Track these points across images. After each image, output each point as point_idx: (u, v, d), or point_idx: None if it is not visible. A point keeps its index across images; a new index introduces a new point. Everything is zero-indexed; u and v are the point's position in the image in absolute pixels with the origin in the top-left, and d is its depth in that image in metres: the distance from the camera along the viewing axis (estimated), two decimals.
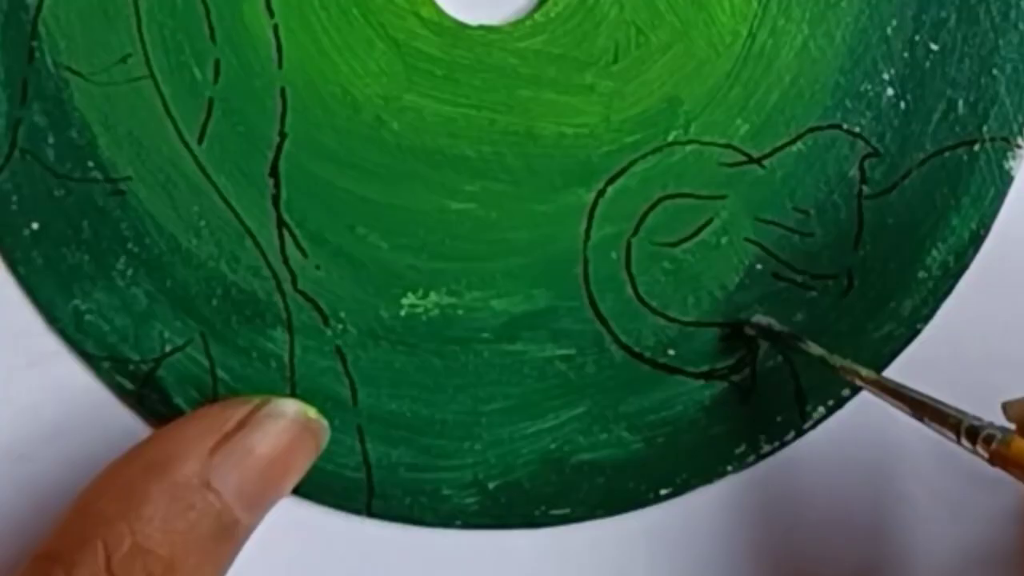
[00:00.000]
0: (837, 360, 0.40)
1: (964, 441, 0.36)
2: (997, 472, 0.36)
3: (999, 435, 0.36)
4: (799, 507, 0.43)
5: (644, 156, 0.41)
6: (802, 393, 0.41)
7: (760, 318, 0.41)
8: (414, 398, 0.41)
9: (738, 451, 0.41)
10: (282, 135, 0.40)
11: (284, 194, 0.40)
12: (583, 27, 0.41)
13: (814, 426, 0.41)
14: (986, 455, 0.36)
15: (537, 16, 0.41)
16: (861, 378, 0.39)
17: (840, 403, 0.41)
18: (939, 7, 0.42)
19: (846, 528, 0.43)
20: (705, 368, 0.41)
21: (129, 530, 0.35)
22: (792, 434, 0.41)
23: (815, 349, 0.40)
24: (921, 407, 0.38)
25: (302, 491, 0.39)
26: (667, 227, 0.41)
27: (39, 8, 0.40)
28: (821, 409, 0.41)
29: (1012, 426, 0.37)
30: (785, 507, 0.43)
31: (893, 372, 0.42)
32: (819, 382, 0.41)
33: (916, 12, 0.42)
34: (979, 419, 0.37)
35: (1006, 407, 0.39)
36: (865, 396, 0.42)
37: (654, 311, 0.41)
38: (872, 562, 0.43)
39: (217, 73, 0.40)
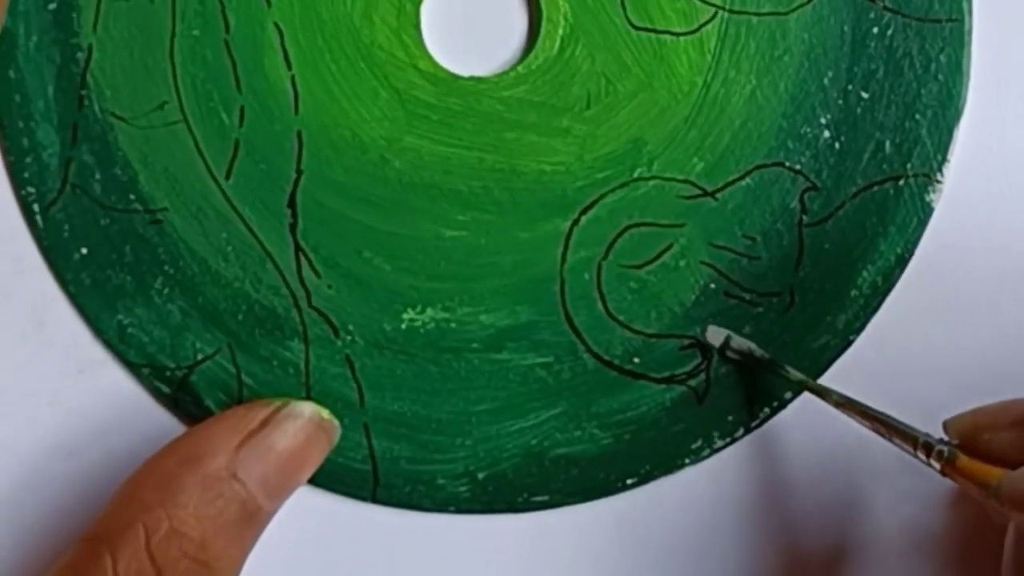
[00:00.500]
0: (813, 383, 0.42)
1: (920, 455, 0.39)
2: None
3: (947, 451, 0.38)
4: (748, 494, 0.43)
5: (613, 190, 0.43)
6: (749, 396, 0.43)
7: (714, 331, 0.43)
8: (413, 400, 0.43)
9: (694, 446, 0.43)
10: (298, 172, 0.42)
11: (300, 223, 0.42)
12: (560, 78, 0.43)
13: (760, 424, 0.43)
14: (939, 467, 0.38)
15: (520, 68, 0.43)
16: (832, 400, 0.41)
17: (783, 404, 0.43)
18: (869, 60, 0.44)
19: (793, 511, 0.44)
20: (666, 374, 0.43)
21: (166, 515, 0.37)
22: (741, 431, 0.43)
23: (795, 375, 0.42)
24: (884, 425, 0.40)
25: (316, 481, 0.41)
26: (633, 252, 0.43)
27: (88, 62, 0.42)
28: (766, 409, 0.43)
29: (956, 441, 0.39)
30: (735, 494, 0.43)
31: (829, 377, 0.44)
32: (763, 387, 0.43)
33: (849, 64, 0.44)
34: (930, 436, 0.39)
35: (947, 426, 0.40)
36: (806, 398, 0.43)
37: (621, 324, 0.43)
38: (819, 542, 0.44)
39: (242, 118, 0.42)
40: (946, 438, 0.39)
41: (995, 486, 0.36)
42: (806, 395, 0.43)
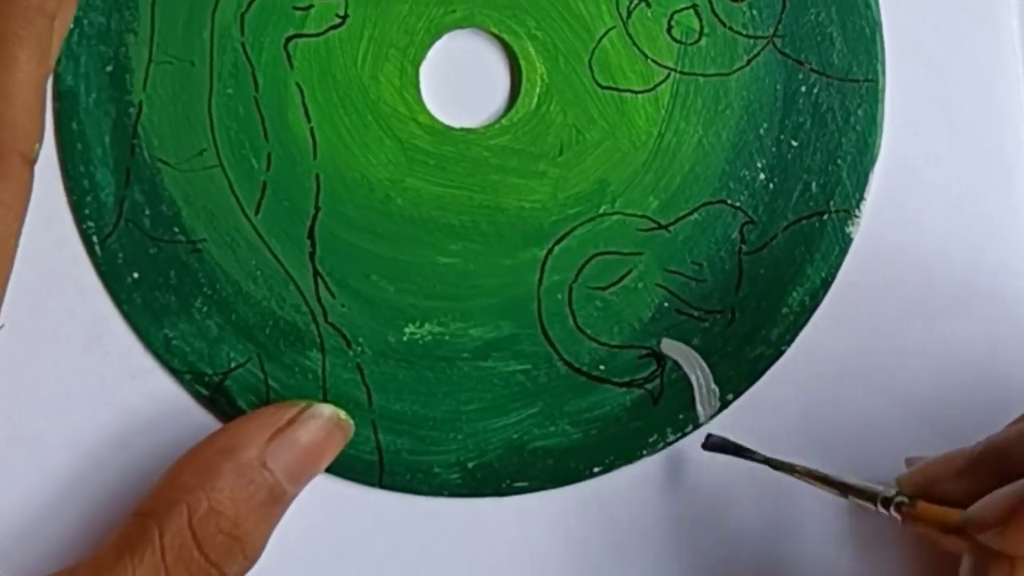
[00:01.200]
0: (776, 461, 0.43)
1: (880, 509, 0.40)
2: None
3: (907, 500, 0.40)
4: (695, 481, 0.45)
5: (581, 224, 0.45)
6: (694, 402, 0.45)
7: (668, 343, 0.45)
8: (413, 401, 0.44)
9: (651, 440, 0.44)
10: (316, 208, 0.44)
11: (318, 252, 0.44)
12: (537, 129, 0.45)
13: (708, 421, 0.45)
14: (900, 518, 0.40)
15: (503, 121, 0.44)
16: (797, 473, 0.43)
17: (725, 406, 0.45)
18: (798, 114, 0.46)
19: (732, 494, 0.45)
20: (626, 379, 0.45)
21: (206, 497, 0.39)
22: (690, 427, 0.45)
23: (760, 457, 0.43)
24: (845, 487, 0.41)
25: (332, 469, 0.43)
26: (598, 276, 0.45)
27: (138, 115, 0.43)
28: (712, 411, 0.45)
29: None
30: (685, 480, 0.45)
31: (764, 382, 0.45)
32: (707, 392, 0.45)
33: (781, 118, 0.45)
34: (888, 490, 0.41)
35: (900, 482, 0.42)
36: (748, 400, 0.45)
37: (589, 337, 0.45)
38: (755, 519, 0.45)
39: (269, 163, 0.44)
40: (903, 494, 0.41)
41: (964, 518, 0.37)
42: (747, 397, 0.45)
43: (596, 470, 0.44)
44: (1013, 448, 0.40)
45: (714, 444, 0.44)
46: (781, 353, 0.45)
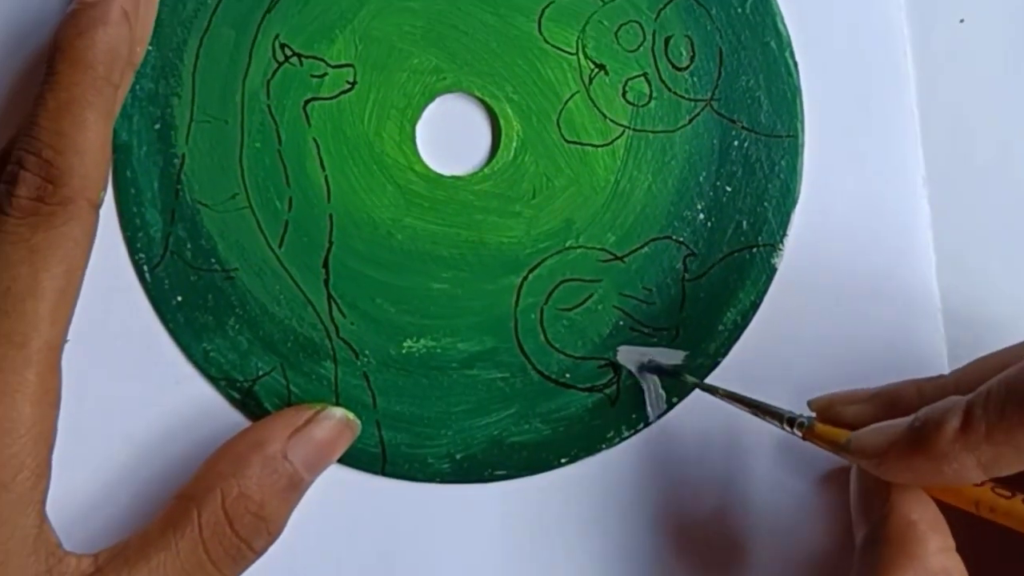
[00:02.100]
0: (705, 384, 0.44)
1: (786, 427, 0.41)
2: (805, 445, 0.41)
3: (807, 421, 0.40)
4: (648, 470, 0.46)
5: (551, 256, 0.46)
6: (644, 404, 0.46)
7: (624, 351, 0.45)
8: (410, 403, 0.45)
9: (608, 435, 0.45)
10: (330, 242, 0.45)
11: (331, 279, 0.45)
12: (513, 177, 0.46)
13: (656, 420, 0.45)
14: (800, 435, 0.40)
15: (485, 170, 0.45)
16: (719, 394, 0.43)
17: (671, 407, 0.46)
18: (731, 164, 0.46)
19: (681, 482, 0.46)
20: (589, 385, 0.45)
21: (237, 484, 0.41)
22: (642, 425, 0.45)
23: (690, 379, 0.45)
24: (758, 408, 0.42)
25: (342, 461, 0.44)
26: (565, 299, 0.45)
27: (182, 165, 0.44)
28: (663, 410, 0.46)
29: (814, 415, 0.41)
30: (639, 470, 0.46)
31: (698, 393, 0.45)
32: (656, 395, 0.46)
33: (717, 167, 0.46)
34: (793, 412, 0.41)
35: (809, 403, 0.43)
36: (687, 404, 0.46)
37: (557, 350, 0.45)
38: (702, 503, 0.46)
39: (290, 205, 0.45)
40: (806, 415, 0.41)
41: (844, 442, 0.38)
42: (686, 401, 0.46)
43: (563, 461, 0.45)
44: (904, 393, 0.41)
45: (654, 368, 0.45)
46: (717, 364, 0.46)
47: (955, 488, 0.37)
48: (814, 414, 0.41)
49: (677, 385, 0.46)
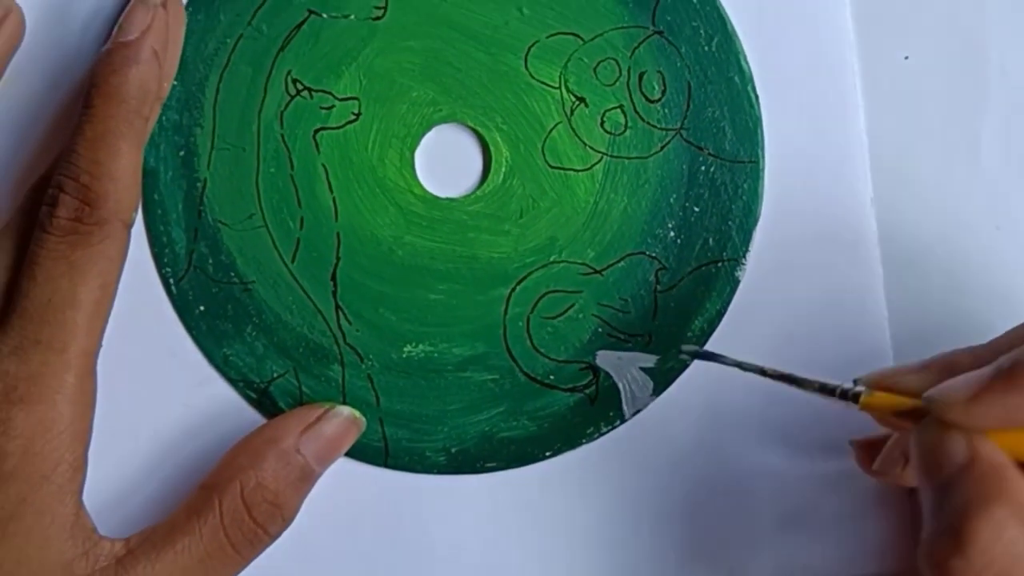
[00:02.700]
0: (751, 365, 0.42)
1: (839, 399, 0.39)
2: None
3: (864, 390, 0.38)
4: (620, 461, 0.46)
5: (536, 270, 0.46)
6: (620, 403, 0.46)
7: (604, 354, 0.45)
8: (410, 402, 0.45)
9: (588, 431, 0.45)
10: (338, 258, 0.45)
11: (339, 290, 0.45)
12: (503, 198, 0.46)
13: (631, 417, 0.46)
14: (857, 405, 0.38)
15: (478, 192, 0.45)
16: (768, 374, 0.41)
17: (645, 405, 0.46)
18: (699, 187, 0.46)
19: (663, 471, 0.46)
20: (570, 386, 0.46)
21: (254, 475, 0.41)
22: (618, 422, 0.45)
23: (730, 361, 0.42)
24: (807, 384, 0.40)
25: (349, 454, 0.44)
26: (549, 309, 0.46)
27: (204, 188, 0.44)
28: (638, 408, 0.46)
29: (862, 388, 0.39)
30: (614, 463, 0.46)
31: (673, 390, 0.46)
32: (631, 395, 0.46)
33: (686, 190, 0.46)
34: (843, 384, 0.39)
35: (858, 379, 0.39)
36: (662, 402, 0.45)
37: (542, 355, 0.46)
38: (665, 491, 0.46)
39: (302, 224, 0.45)
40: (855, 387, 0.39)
41: (927, 397, 0.36)
42: (657, 401, 0.45)
43: (547, 454, 0.46)
44: (958, 359, 0.38)
45: (690, 352, 0.45)
46: (687, 367, 0.46)
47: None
48: (860, 388, 0.39)
49: (658, 385, 0.46)
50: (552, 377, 0.46)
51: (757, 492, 0.46)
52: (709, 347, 0.46)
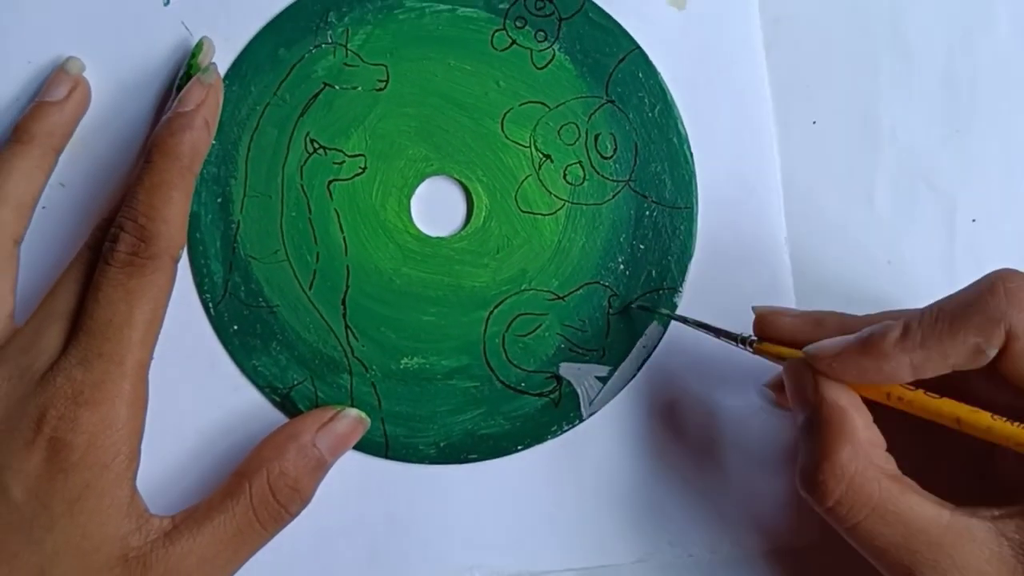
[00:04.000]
0: (678, 316, 0.43)
1: (740, 345, 0.40)
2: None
3: (757, 340, 0.40)
4: (578, 454, 0.45)
5: (510, 296, 0.45)
6: (579, 405, 0.45)
7: (566, 366, 0.45)
8: (406, 405, 0.45)
9: (553, 429, 0.45)
10: (347, 286, 0.45)
11: (348, 313, 0.45)
12: (483, 237, 0.45)
13: (588, 417, 0.45)
14: (751, 350, 0.40)
15: (462, 233, 0.45)
16: (690, 322, 0.43)
17: (599, 408, 0.45)
18: (644, 228, 0.46)
19: (612, 459, 0.45)
20: (538, 392, 0.45)
21: (278, 464, 0.41)
22: (577, 421, 0.45)
23: (665, 312, 0.44)
24: (719, 331, 0.41)
25: (356, 448, 0.44)
26: (520, 328, 0.45)
27: (237, 228, 0.44)
28: (594, 410, 0.45)
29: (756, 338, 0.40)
30: (573, 454, 0.45)
31: (623, 396, 0.45)
32: (588, 399, 0.45)
33: (633, 231, 0.46)
34: (743, 334, 0.40)
35: (754, 307, 0.41)
36: (612, 407, 0.45)
37: (515, 366, 0.45)
38: (610, 478, 0.45)
39: (318, 258, 0.45)
40: (753, 336, 0.40)
41: (808, 350, 0.37)
42: (608, 406, 0.45)
43: (519, 448, 0.45)
44: (828, 317, 0.40)
45: (640, 306, 0.45)
46: (633, 377, 0.46)
47: (874, 385, 0.37)
48: (754, 337, 0.41)
49: (603, 391, 0.45)
50: (523, 384, 0.46)
51: (690, 476, 0.46)
52: (652, 360, 0.46)
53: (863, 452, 0.36)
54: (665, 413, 0.46)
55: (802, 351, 0.38)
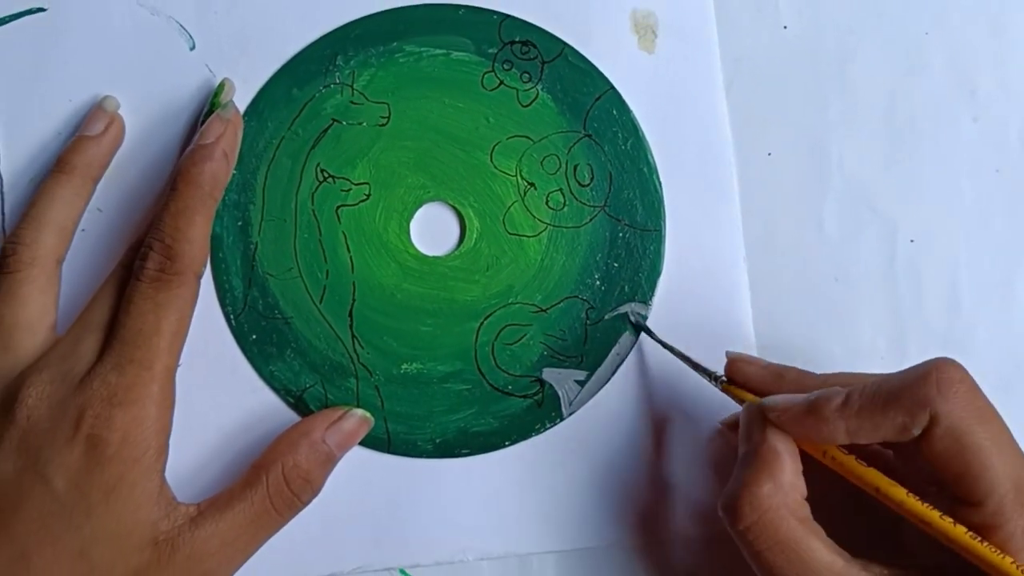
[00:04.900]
0: (665, 343, 0.43)
1: (711, 382, 0.41)
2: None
3: (724, 379, 0.41)
4: (559, 449, 0.45)
5: (499, 309, 0.45)
6: (560, 406, 0.45)
7: (548, 371, 0.45)
8: (406, 406, 0.45)
9: (536, 427, 0.45)
10: (354, 299, 0.45)
11: (354, 324, 0.45)
12: (474, 256, 0.46)
13: (568, 416, 0.45)
14: (720, 388, 0.41)
15: (456, 252, 0.45)
16: (674, 352, 0.43)
17: (578, 408, 0.45)
18: (618, 248, 0.46)
19: (589, 453, 0.45)
20: (524, 394, 0.45)
21: (292, 458, 0.41)
22: (559, 420, 0.45)
23: (656, 338, 0.43)
24: (695, 365, 0.42)
25: (361, 443, 0.44)
26: (508, 337, 0.45)
27: (256, 248, 0.45)
28: (573, 410, 0.45)
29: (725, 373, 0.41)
30: (555, 450, 0.45)
31: (599, 398, 0.45)
32: (568, 400, 0.45)
33: (608, 250, 0.45)
34: (719, 373, 0.41)
35: (727, 352, 0.42)
36: (589, 408, 0.45)
37: (503, 371, 0.45)
38: (589, 469, 0.45)
39: (327, 275, 0.45)
40: (723, 376, 0.41)
41: (759, 401, 0.38)
42: (586, 406, 0.45)
43: (506, 444, 0.45)
44: (787, 372, 0.41)
45: (634, 324, 0.45)
46: (608, 381, 0.46)
47: (816, 443, 0.38)
48: (724, 377, 0.41)
49: (582, 393, 0.45)
50: (510, 387, 0.46)
51: (658, 469, 0.46)
52: (625, 367, 0.46)
53: (783, 492, 0.36)
54: (636, 413, 0.46)
55: (760, 400, 0.38)
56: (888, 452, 0.39)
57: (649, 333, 0.44)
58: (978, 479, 0.35)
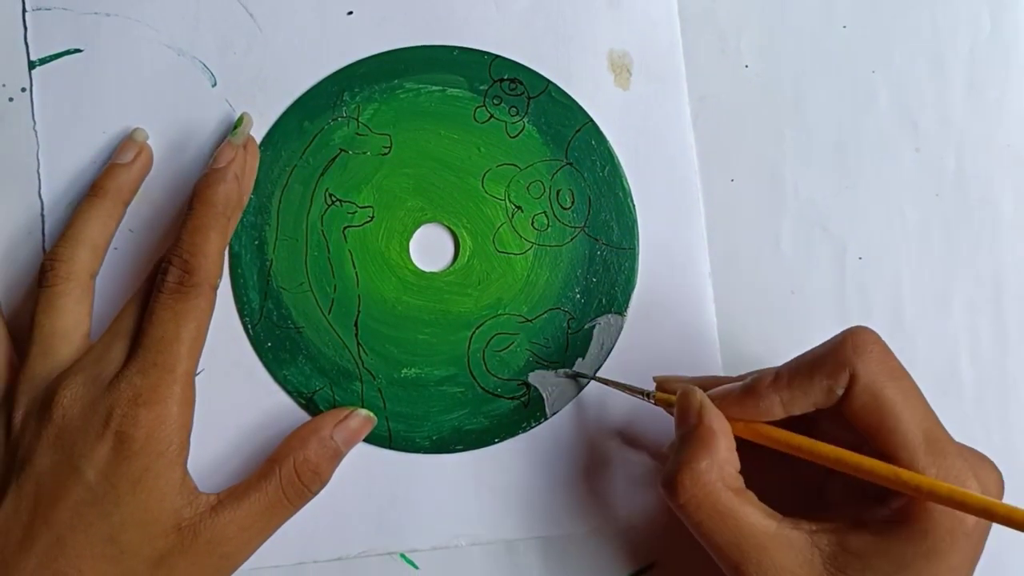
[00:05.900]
0: (599, 378, 0.44)
1: (643, 398, 0.41)
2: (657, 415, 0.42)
3: (655, 393, 0.41)
4: (544, 446, 0.45)
5: (489, 319, 0.45)
6: (545, 407, 0.45)
7: (534, 375, 0.45)
8: (406, 406, 0.45)
9: (523, 426, 0.45)
10: (359, 311, 0.45)
11: (360, 333, 0.45)
12: (467, 272, 0.46)
13: (551, 416, 0.45)
14: (652, 402, 0.41)
15: (450, 269, 0.45)
16: (609, 383, 0.43)
17: (560, 408, 0.45)
18: (596, 264, 0.46)
19: (569, 449, 0.45)
20: (511, 396, 0.45)
21: (303, 453, 0.41)
22: (543, 419, 0.45)
23: (589, 375, 0.44)
24: (629, 388, 0.42)
25: (365, 440, 0.44)
26: (498, 345, 0.45)
27: (271, 265, 0.45)
28: (556, 410, 0.45)
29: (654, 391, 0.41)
30: (541, 446, 0.45)
31: (579, 399, 0.45)
32: (552, 401, 0.45)
33: (587, 267, 0.46)
34: (646, 389, 0.41)
35: (654, 377, 0.42)
36: (570, 409, 0.45)
37: (493, 375, 0.45)
38: (576, 464, 0.45)
39: (335, 289, 0.45)
40: (653, 391, 0.41)
41: (690, 395, 0.38)
42: (567, 407, 0.45)
43: (496, 441, 0.45)
44: (711, 381, 0.40)
45: (565, 373, 0.45)
46: (588, 383, 0.46)
47: (750, 423, 0.38)
48: (654, 391, 0.42)
49: (564, 396, 0.46)
50: (499, 390, 0.46)
51: (631, 463, 0.46)
52: (600, 373, 0.46)
53: (718, 466, 0.37)
54: (611, 413, 0.46)
55: (693, 387, 0.39)
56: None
57: (583, 377, 0.45)
58: (892, 432, 0.35)
